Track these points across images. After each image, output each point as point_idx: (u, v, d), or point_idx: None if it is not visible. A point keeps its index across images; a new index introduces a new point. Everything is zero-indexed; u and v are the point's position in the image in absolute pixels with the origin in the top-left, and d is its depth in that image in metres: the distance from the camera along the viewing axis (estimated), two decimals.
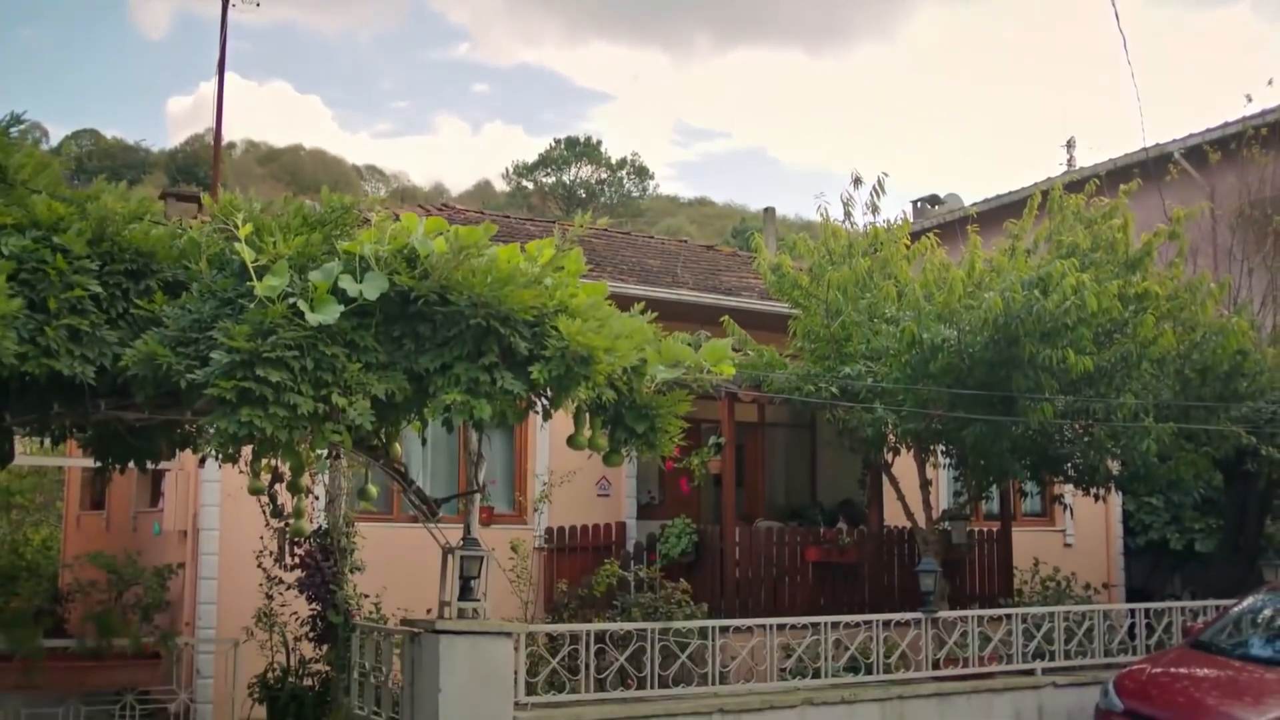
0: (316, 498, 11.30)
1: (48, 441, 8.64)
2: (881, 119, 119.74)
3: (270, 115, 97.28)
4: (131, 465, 7.91)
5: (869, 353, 12.52)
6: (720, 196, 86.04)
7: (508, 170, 71.40)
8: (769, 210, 23.79)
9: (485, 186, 70.73)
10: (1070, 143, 29.16)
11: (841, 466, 16.35)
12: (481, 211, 20.60)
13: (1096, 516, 17.98)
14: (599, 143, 69.96)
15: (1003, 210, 19.05)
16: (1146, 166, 18.25)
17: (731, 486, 13.68)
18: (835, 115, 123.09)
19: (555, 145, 69.38)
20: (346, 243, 6.51)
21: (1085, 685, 11.43)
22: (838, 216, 13.51)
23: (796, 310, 13.48)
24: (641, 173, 71.26)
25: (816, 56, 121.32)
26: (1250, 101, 19.83)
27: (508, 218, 19.39)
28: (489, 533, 10.81)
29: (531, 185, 68.59)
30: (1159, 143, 20.78)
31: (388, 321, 6.46)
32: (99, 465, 7.94)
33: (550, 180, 68.72)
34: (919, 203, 28.84)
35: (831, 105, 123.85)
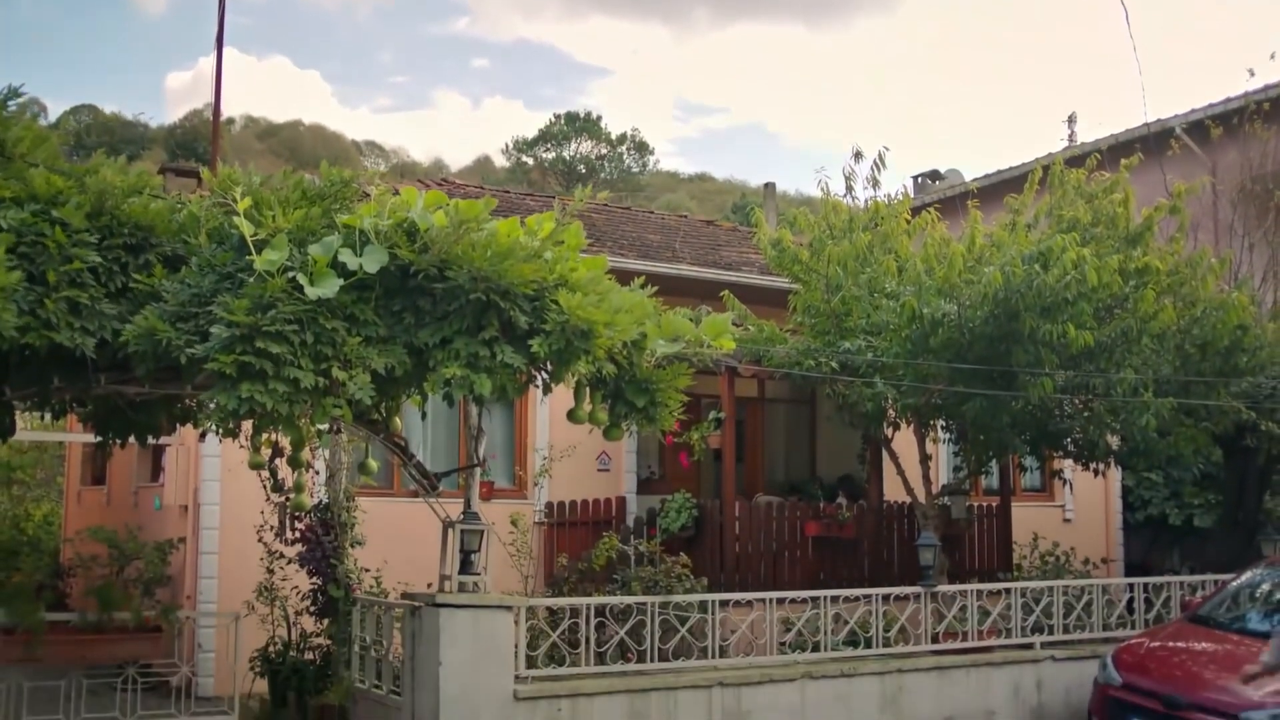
0: (317, 472, 11.32)
1: (48, 417, 8.66)
2: (882, 94, 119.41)
3: (269, 90, 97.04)
4: (132, 440, 7.92)
5: (869, 327, 12.52)
6: (720, 172, 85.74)
7: (507, 146, 71.29)
8: (769, 185, 23.74)
9: (485, 162, 70.60)
10: (1072, 118, 28.92)
11: (841, 441, 16.36)
12: (481, 186, 20.57)
13: (1096, 492, 18.02)
14: (599, 118, 69.78)
15: (1004, 185, 19.00)
16: (1148, 142, 18.20)
17: (731, 461, 13.70)
18: (836, 90, 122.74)
19: (555, 120, 69.16)
20: (346, 217, 6.49)
21: (1084, 659, 11.45)
22: (838, 191, 13.49)
23: (797, 285, 13.47)
24: (641, 148, 71.09)
25: (817, 31, 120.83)
26: (1253, 76, 19.77)
27: (507, 193, 19.35)
28: (489, 507, 10.84)
29: (531, 161, 68.41)
30: (1160, 118, 20.70)
31: (387, 295, 6.46)
32: (99, 440, 7.95)
33: (550, 156, 68.53)
34: (919, 178, 28.77)
35: (832, 80, 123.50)
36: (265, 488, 10.48)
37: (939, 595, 11.53)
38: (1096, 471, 14.04)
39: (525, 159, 68.72)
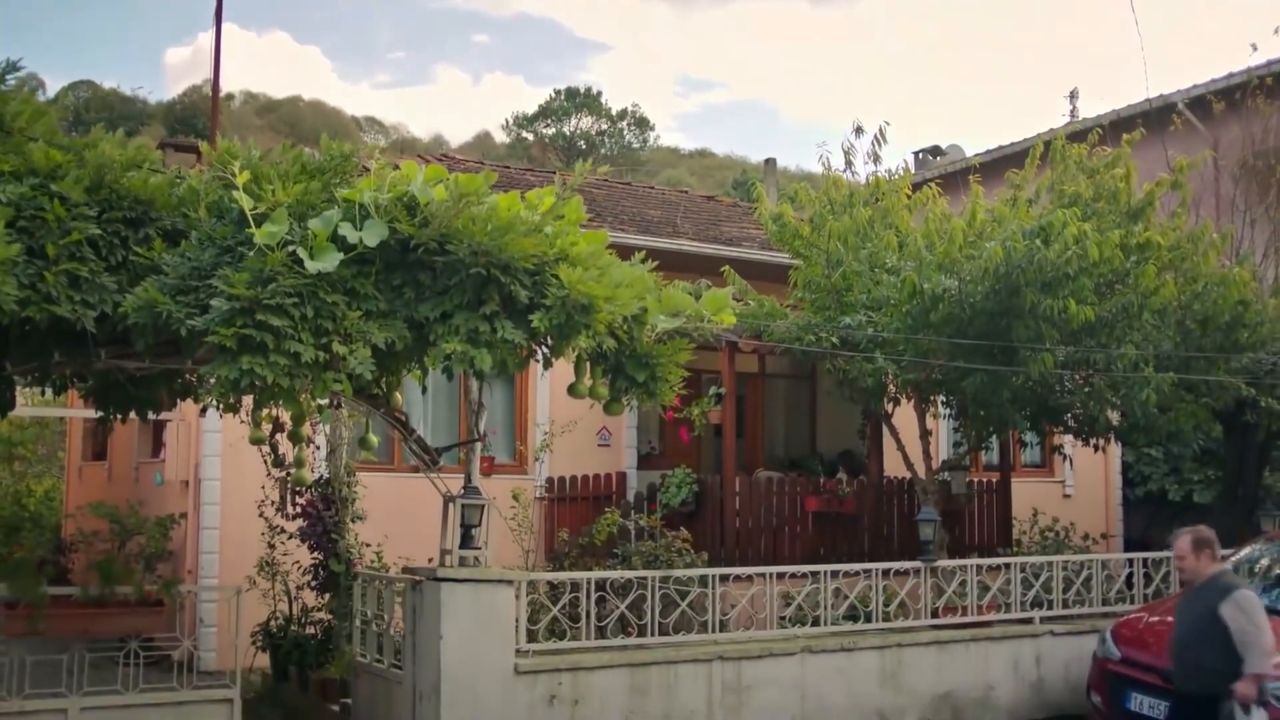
0: (317, 447, 11.32)
1: (49, 392, 8.66)
2: (884, 71, 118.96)
3: (269, 66, 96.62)
4: (132, 415, 7.92)
5: (870, 303, 12.50)
6: (721, 148, 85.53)
7: (507, 121, 71.02)
8: (770, 161, 23.71)
9: (485, 138, 70.36)
10: (1073, 93, 28.94)
11: (841, 417, 16.38)
12: (481, 161, 20.52)
13: (1096, 467, 18.05)
14: (599, 93, 69.57)
15: (1005, 161, 18.97)
16: (1150, 117, 18.14)
17: (732, 437, 13.72)
18: (838, 66, 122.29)
19: (555, 96, 68.94)
20: (346, 191, 6.47)
21: (1083, 634, 11.48)
22: (839, 166, 13.45)
23: (797, 260, 13.45)
24: (642, 124, 70.89)
25: (819, 6, 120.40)
26: (1255, 51, 19.73)
27: (507, 168, 19.32)
28: (490, 482, 10.85)
29: (531, 137, 68.20)
30: (1163, 93, 20.64)
31: (388, 270, 6.44)
32: (100, 415, 7.95)
33: (550, 131, 68.33)
34: (920, 154, 28.69)
35: (834, 56, 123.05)
36: (266, 463, 10.52)
37: (939, 570, 11.55)
38: (1096, 447, 14.05)
39: (525, 135, 68.52)
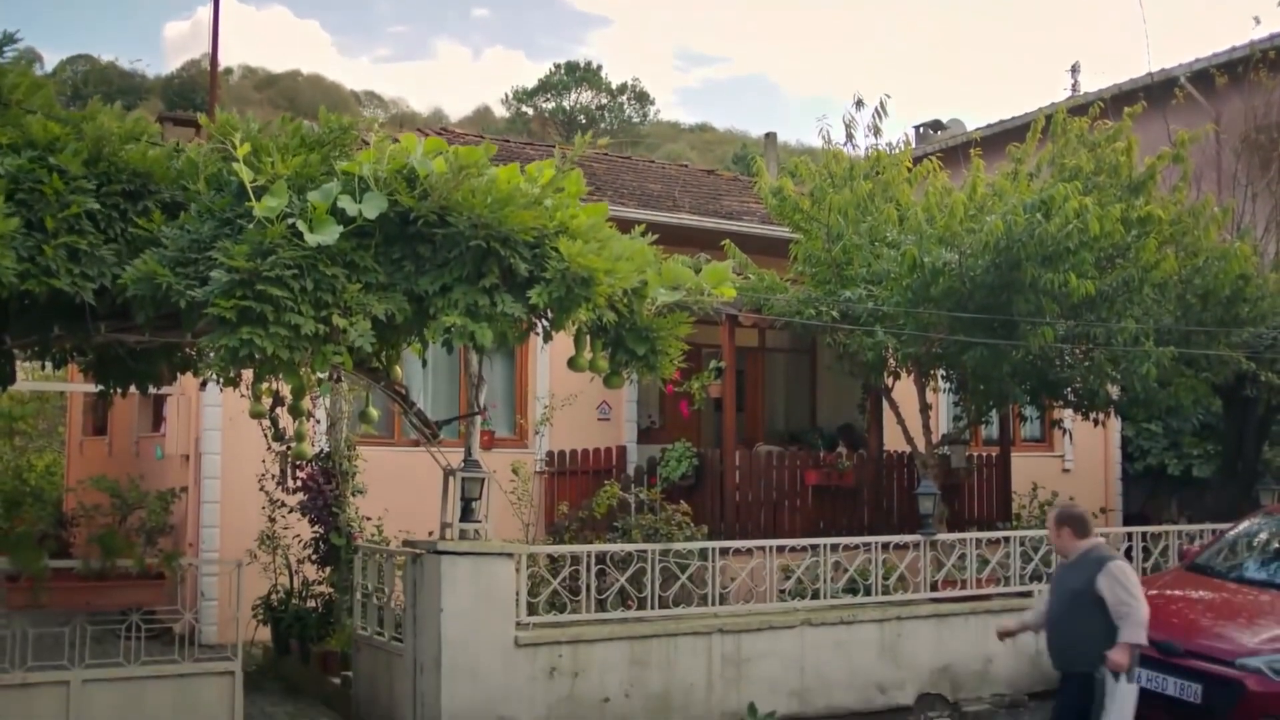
0: (318, 421, 11.36)
1: (49, 366, 8.65)
2: (885, 46, 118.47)
3: (268, 40, 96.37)
4: (133, 389, 7.90)
5: (870, 276, 12.49)
6: (721, 123, 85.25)
7: (507, 96, 70.84)
8: (770, 135, 23.65)
9: (485, 112, 70.15)
10: (1075, 68, 28.99)
11: (841, 391, 16.40)
12: (480, 135, 20.48)
13: (1095, 442, 18.07)
14: (599, 68, 69.33)
15: (1006, 135, 18.91)
16: (1152, 91, 18.09)
17: (732, 411, 13.73)
18: (838, 41, 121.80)
19: (555, 70, 68.72)
20: (345, 163, 6.45)
21: None
22: (840, 140, 13.42)
23: (797, 234, 13.44)
24: (642, 98, 70.65)
25: None
26: (1258, 24, 19.69)
27: (507, 141, 19.27)
28: (490, 456, 10.86)
29: (531, 111, 67.98)
30: (1164, 67, 20.58)
31: (387, 242, 6.42)
32: (100, 389, 7.93)
33: (550, 106, 68.12)
34: (921, 128, 28.63)
35: (835, 31, 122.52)
36: (266, 437, 10.54)
37: (938, 543, 11.57)
38: (1096, 421, 14.06)
39: (525, 109, 68.32)
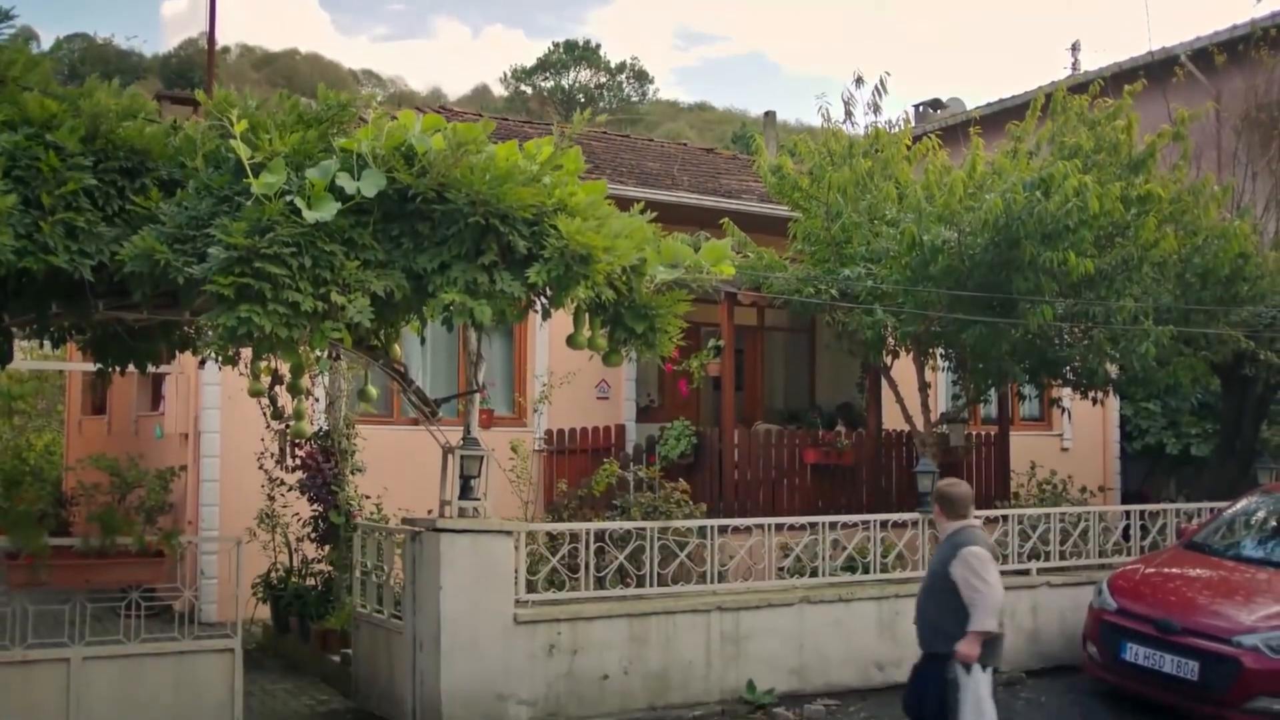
0: (316, 400, 11.36)
1: (48, 345, 8.65)
2: (885, 24, 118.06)
3: (266, 19, 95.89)
4: (132, 368, 7.90)
5: (869, 255, 12.48)
6: (720, 102, 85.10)
7: (505, 75, 70.59)
8: (769, 114, 23.61)
9: (483, 91, 69.90)
10: (1075, 46, 28.86)
11: (840, 370, 16.42)
12: (479, 113, 20.42)
13: (1094, 421, 18.08)
14: (598, 46, 69.10)
15: (1006, 114, 18.88)
16: (1152, 69, 18.03)
17: (731, 389, 13.74)
18: (838, 20, 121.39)
19: (554, 49, 68.50)
20: (343, 140, 6.43)
21: (1080, 585, 11.54)
22: (839, 118, 13.38)
23: (796, 213, 13.43)
24: (641, 77, 70.45)
25: None
26: (1259, 2, 19.62)
27: (506, 120, 19.22)
28: (489, 435, 10.87)
29: (530, 90, 67.77)
30: (1165, 46, 20.53)
31: (386, 220, 6.41)
32: (99, 367, 7.93)
33: (549, 85, 67.91)
34: (921, 107, 28.54)
35: (835, 9, 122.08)
36: (265, 415, 10.53)
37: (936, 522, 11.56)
38: (1095, 400, 14.07)
39: (524, 88, 68.10)
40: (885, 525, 11.23)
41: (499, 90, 69.18)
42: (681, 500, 11.54)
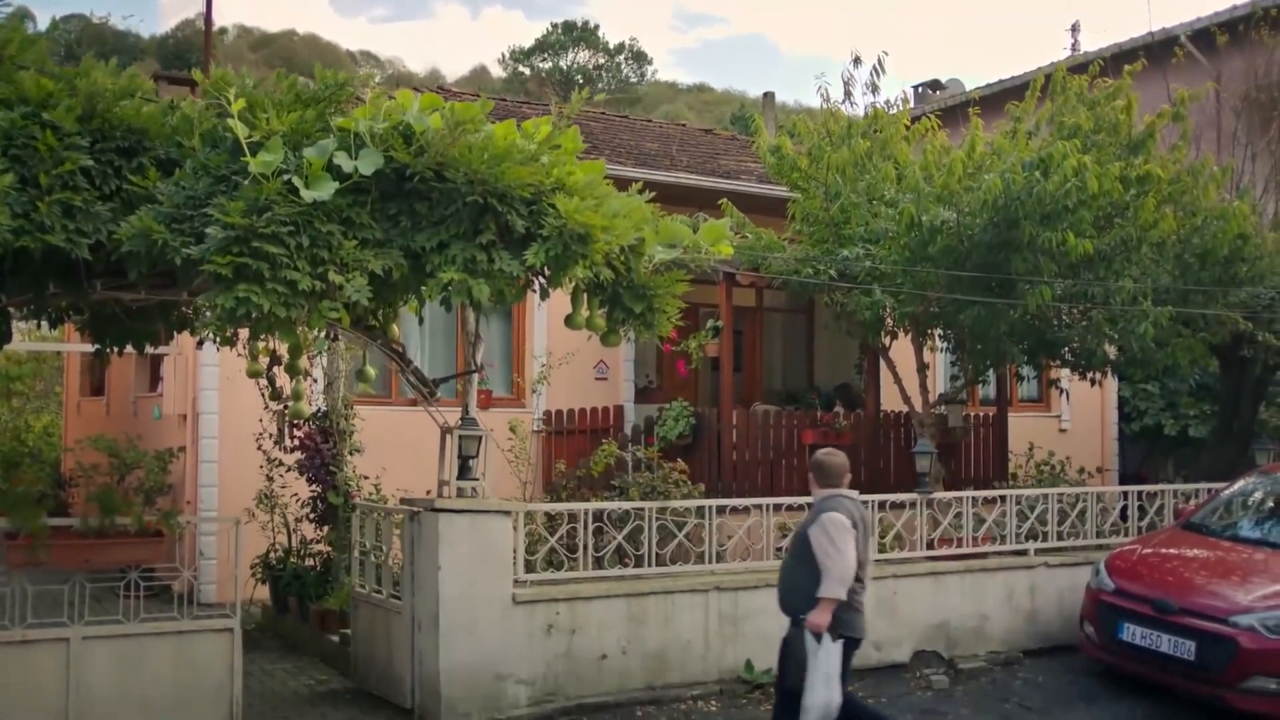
0: (315, 380, 11.36)
1: (45, 327, 8.64)
2: (882, 6, 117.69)
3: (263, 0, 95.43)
4: (129, 348, 7.89)
5: (867, 235, 12.47)
6: (719, 83, 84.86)
7: (504, 56, 70.40)
8: (768, 95, 23.57)
9: (481, 73, 69.67)
10: (1075, 27, 28.77)
11: (839, 350, 16.42)
12: (476, 93, 20.38)
13: (1092, 402, 18.09)
14: (596, 27, 68.91)
15: (1005, 95, 18.80)
16: (1152, 50, 17.97)
17: (729, 370, 13.74)
18: (836, 1, 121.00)
19: (552, 30, 68.31)
20: (341, 120, 6.42)
21: (1077, 565, 11.56)
22: (838, 98, 13.35)
23: (795, 193, 13.41)
24: (640, 58, 70.26)
25: None
26: None
27: (504, 100, 19.19)
28: (487, 416, 10.87)
29: (528, 71, 67.57)
30: (1165, 26, 20.47)
31: (384, 199, 6.40)
32: (97, 348, 7.92)
33: (547, 66, 67.72)
34: (920, 88, 28.49)
35: None
36: (264, 396, 10.50)
37: (935, 502, 11.60)
38: (1093, 381, 14.07)
39: (522, 69, 67.90)
40: (883, 506, 11.23)
41: (497, 71, 69.05)
42: (680, 481, 11.55)
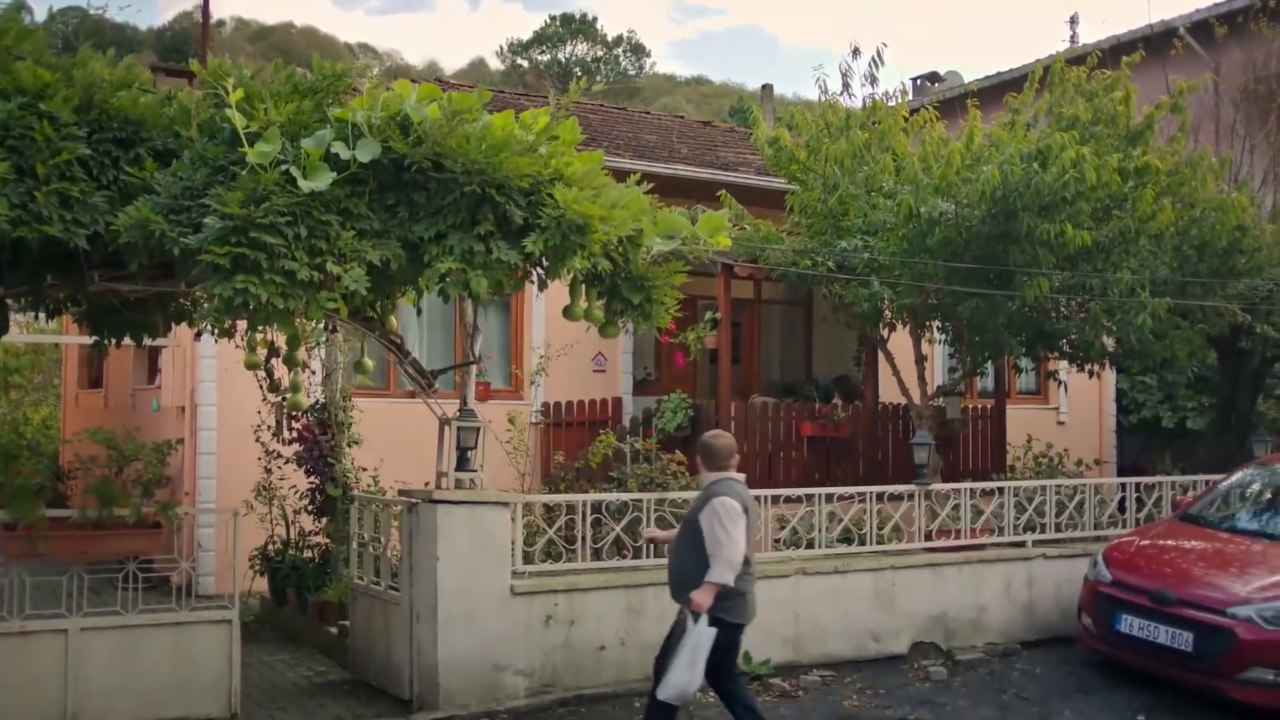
0: (313, 372, 11.35)
1: (43, 318, 8.63)
2: (882, 4, 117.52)
3: None
4: (128, 342, 7.88)
5: (866, 227, 12.46)
6: (718, 75, 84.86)
7: (502, 48, 70.39)
8: (766, 88, 23.55)
9: (480, 65, 69.67)
10: (1074, 19, 28.73)
11: (837, 343, 16.42)
12: (474, 85, 20.36)
13: (1090, 395, 18.11)
14: (594, 19, 68.91)
15: (1003, 87, 18.76)
16: (1150, 42, 17.96)
17: (727, 362, 13.76)
18: None
19: (551, 22, 68.28)
20: (339, 110, 6.41)
21: (1075, 557, 11.58)
22: (836, 90, 13.34)
23: (794, 185, 13.40)
24: (638, 50, 70.27)
25: None
26: None
27: (502, 92, 19.16)
28: (485, 408, 10.87)
29: (526, 64, 67.53)
30: (1164, 18, 20.45)
31: (381, 189, 6.39)
32: (95, 340, 7.92)
33: (545, 58, 67.67)
34: (919, 80, 28.46)
35: None
36: (262, 388, 10.48)
37: (933, 494, 11.61)
38: (1091, 373, 14.07)
39: (520, 61, 67.88)
40: (881, 497, 11.24)
41: (495, 64, 69.03)
42: (678, 472, 11.55)
